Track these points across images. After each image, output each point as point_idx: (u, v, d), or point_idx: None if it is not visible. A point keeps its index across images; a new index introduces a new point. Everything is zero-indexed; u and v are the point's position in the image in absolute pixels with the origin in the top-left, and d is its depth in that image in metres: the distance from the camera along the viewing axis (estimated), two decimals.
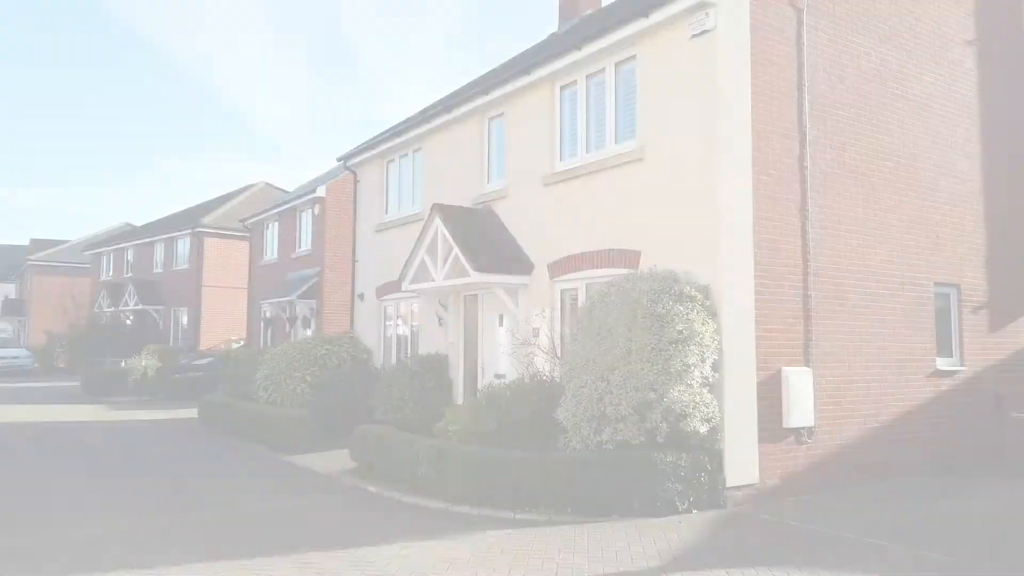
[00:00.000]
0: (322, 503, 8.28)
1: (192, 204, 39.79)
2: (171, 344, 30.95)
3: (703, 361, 7.96)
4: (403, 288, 12.83)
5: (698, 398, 7.85)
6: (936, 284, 10.63)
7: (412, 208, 14.56)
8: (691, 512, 7.82)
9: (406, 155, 14.96)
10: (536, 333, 10.61)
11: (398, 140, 14.55)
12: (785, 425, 8.73)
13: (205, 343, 30.12)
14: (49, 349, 34.60)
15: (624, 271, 9.19)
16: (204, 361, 26.53)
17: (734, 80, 8.63)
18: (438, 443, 8.44)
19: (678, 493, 7.78)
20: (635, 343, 7.84)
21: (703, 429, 7.90)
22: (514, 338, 10.49)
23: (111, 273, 36.59)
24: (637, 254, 9.35)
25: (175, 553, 6.26)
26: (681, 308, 7.98)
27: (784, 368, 8.79)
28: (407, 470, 8.74)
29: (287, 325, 22.76)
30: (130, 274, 34.52)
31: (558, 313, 10.57)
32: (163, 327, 32.06)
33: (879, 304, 9.95)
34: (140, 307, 31.61)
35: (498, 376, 11.61)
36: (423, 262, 12.31)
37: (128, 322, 33.16)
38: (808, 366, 9.04)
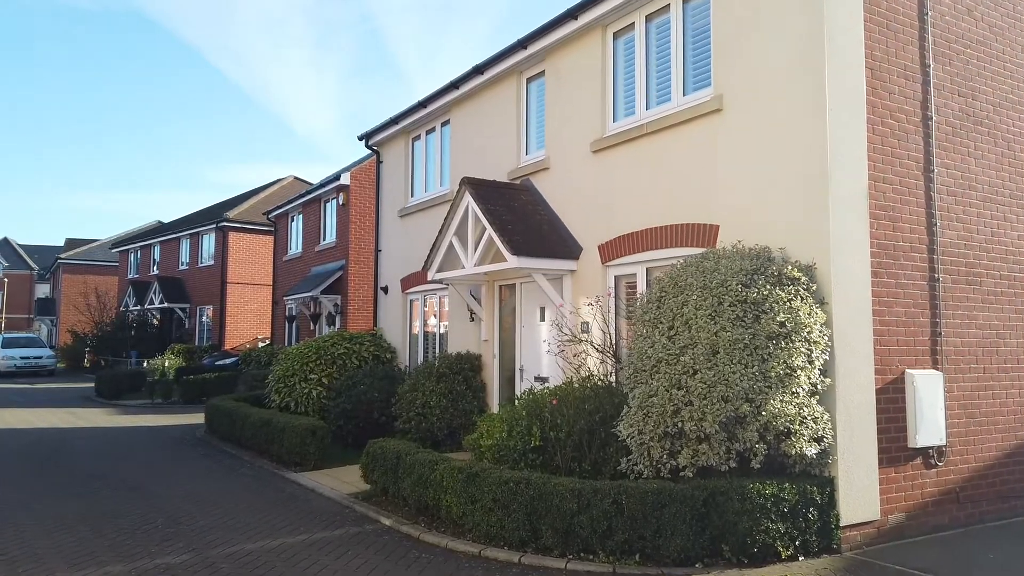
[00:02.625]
0: (322, 542, 6.59)
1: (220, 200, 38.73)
2: (196, 343, 29.89)
3: (811, 363, 6.10)
4: (429, 278, 11.12)
5: (806, 411, 5.99)
6: None
7: (440, 188, 12.86)
8: (797, 559, 5.98)
9: (432, 129, 13.27)
10: (586, 328, 8.82)
11: (423, 112, 12.85)
12: (911, 444, 6.81)
13: (231, 342, 28.93)
14: (76, 349, 33.77)
15: (696, 251, 7.35)
16: (228, 361, 25.33)
17: (844, 4, 6.74)
18: (467, 464, 6.69)
19: (780, 535, 5.93)
20: (722, 339, 5.99)
21: (811, 451, 6.04)
22: (560, 334, 8.70)
23: (137, 271, 35.69)
24: (714, 229, 7.50)
25: None
26: (782, 293, 6.12)
27: (909, 371, 6.87)
28: (430, 496, 7.02)
29: (311, 322, 21.29)
30: (156, 271, 33.52)
31: (611, 304, 8.75)
32: (189, 326, 30.94)
33: (1017, 290, 7.95)
34: (165, 305, 30.53)
35: (539, 380, 9.84)
36: (451, 246, 10.59)
37: (155, 321, 32.16)
38: (937, 368, 7.11)
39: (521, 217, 9.67)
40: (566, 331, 8.61)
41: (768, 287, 6.15)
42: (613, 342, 8.40)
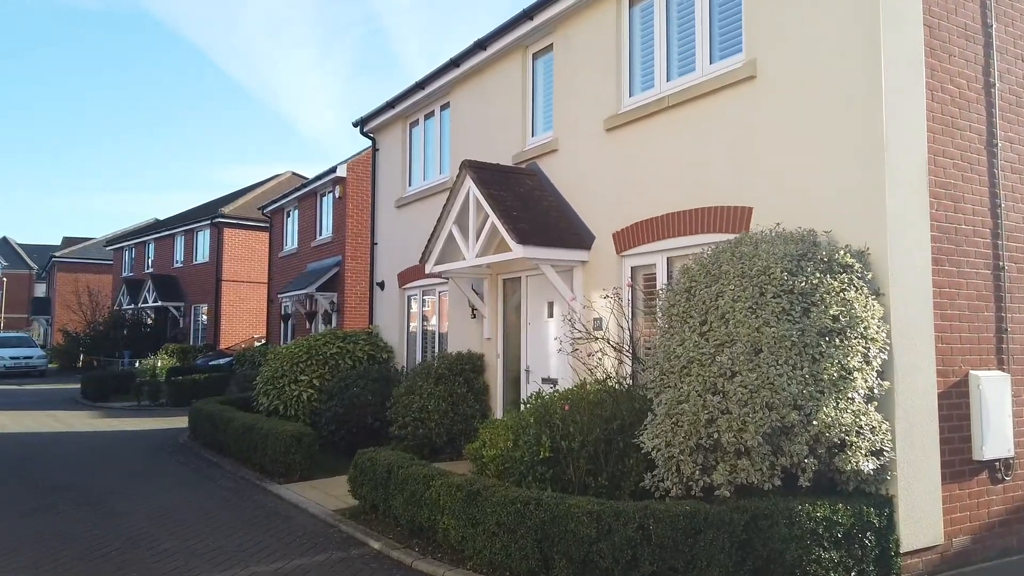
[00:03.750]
0: (299, 572, 5.72)
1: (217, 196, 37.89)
2: (191, 343, 29.08)
3: (868, 363, 5.23)
4: (427, 271, 10.26)
5: (863, 419, 5.12)
6: None
7: (439, 176, 12.00)
8: None
9: (432, 113, 12.40)
10: (599, 325, 7.95)
11: (422, 94, 11.98)
12: (976, 457, 5.94)
13: (226, 341, 28.11)
14: (68, 349, 32.94)
15: (725, 237, 6.46)
16: (223, 361, 24.50)
17: None
18: (467, 481, 5.81)
19: (834, 565, 5.06)
20: (766, 336, 5.12)
21: (869, 466, 5.17)
22: (572, 331, 7.82)
23: (132, 269, 34.88)
24: (747, 212, 6.63)
25: None
26: (834, 282, 5.25)
27: (973, 373, 5.99)
28: (424, 516, 6.15)
29: (307, 321, 20.44)
30: (151, 269, 32.70)
31: (628, 298, 7.88)
32: (184, 325, 30.12)
33: None
34: (159, 304, 29.71)
35: (547, 381, 8.99)
36: (451, 237, 9.73)
37: (149, 320, 31.35)
38: (1002, 369, 6.23)
39: (527, 203, 8.81)
40: (579, 328, 7.72)
41: (818, 275, 5.28)
42: (630, 340, 7.53)
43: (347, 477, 7.38)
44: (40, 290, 57.76)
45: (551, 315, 9.19)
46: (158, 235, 32.74)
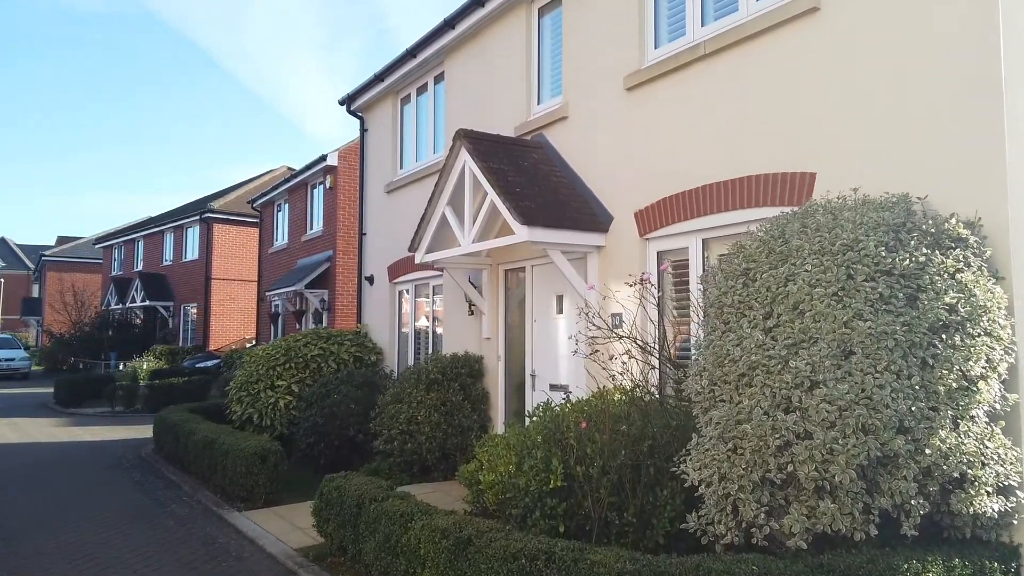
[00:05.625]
0: None
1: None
2: (180, 344, 27.81)
3: (993, 369, 3.88)
4: (417, 260, 8.93)
5: (989, 445, 3.77)
6: None
7: (433, 156, 10.67)
8: None
9: (424, 88, 11.07)
10: (618, 322, 6.60)
11: (414, 63, 10.65)
12: None
13: (216, 342, 26.83)
14: (54, 350, 31.67)
15: (778, 212, 5.09)
16: (211, 363, 23.24)
17: None
18: (455, 524, 4.46)
19: None
20: (859, 332, 3.77)
21: (994, 508, 3.82)
22: (591, 327, 6.44)
23: (121, 267, 33.62)
24: (808, 178, 5.30)
25: None
26: (947, 260, 3.91)
27: None
28: (401, 567, 4.80)
29: (296, 320, 19.13)
30: (140, 267, 31.43)
31: (654, 289, 6.52)
32: (173, 325, 28.83)
33: None
34: (147, 303, 28.41)
35: (556, 388, 7.66)
36: (443, 220, 8.41)
37: (137, 320, 30.08)
38: None
39: (532, 179, 7.47)
40: (596, 325, 6.34)
41: (924, 250, 3.93)
42: (661, 339, 6.19)
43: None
44: (36, 291, 56.64)
45: (561, 311, 7.86)
46: (147, 232, 31.46)
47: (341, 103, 12.60)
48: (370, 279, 12.26)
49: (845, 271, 3.94)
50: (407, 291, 11.32)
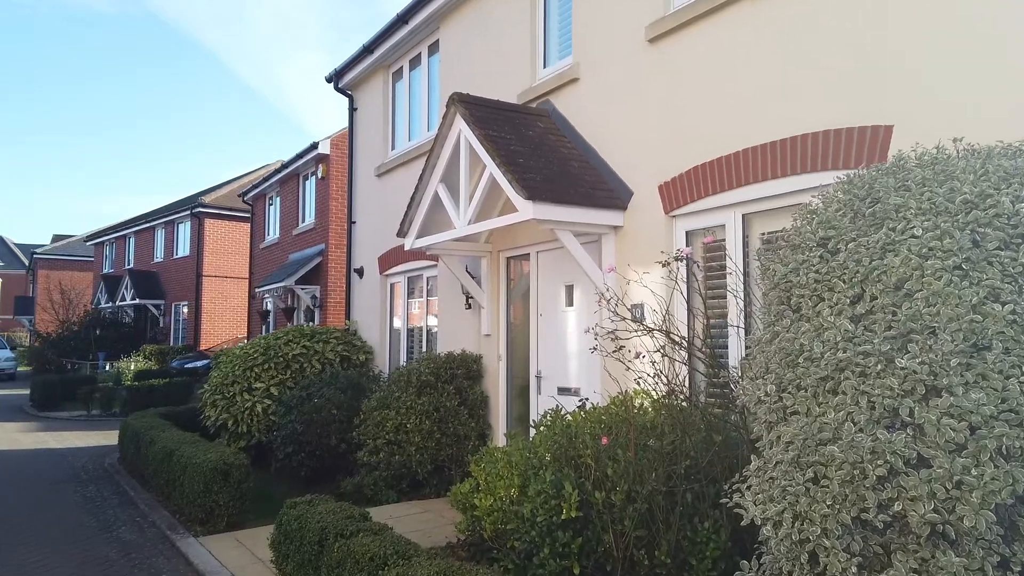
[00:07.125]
0: None
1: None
2: (172, 343, 26.84)
3: None
4: (407, 247, 7.91)
5: None
6: None
7: (427, 134, 9.64)
8: None
9: (417, 59, 10.04)
10: (639, 314, 5.51)
11: (405, 30, 9.61)
12: None
13: (207, 342, 25.84)
14: (42, 351, 30.68)
15: (837, 175, 3.97)
16: (200, 363, 22.26)
17: None
18: (440, 572, 3.42)
19: None
20: (993, 320, 2.73)
21: None
22: (613, 319, 5.32)
23: (112, 265, 32.64)
24: (882, 133, 4.25)
25: None
26: None
27: None
28: None
29: (286, 318, 18.11)
30: (130, 265, 30.43)
31: (683, 275, 5.45)
32: (164, 324, 27.84)
33: None
34: (137, 301, 27.42)
35: (566, 391, 6.62)
36: (436, 200, 7.37)
37: (128, 319, 29.09)
38: None
39: (538, 149, 6.43)
40: (619, 315, 5.20)
41: None
42: (695, 332, 5.13)
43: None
44: (32, 290, 55.86)
45: (571, 303, 6.81)
46: (139, 228, 30.46)
47: (328, 80, 11.56)
48: (359, 271, 11.23)
49: (970, 236, 2.89)
50: (399, 284, 10.29)
